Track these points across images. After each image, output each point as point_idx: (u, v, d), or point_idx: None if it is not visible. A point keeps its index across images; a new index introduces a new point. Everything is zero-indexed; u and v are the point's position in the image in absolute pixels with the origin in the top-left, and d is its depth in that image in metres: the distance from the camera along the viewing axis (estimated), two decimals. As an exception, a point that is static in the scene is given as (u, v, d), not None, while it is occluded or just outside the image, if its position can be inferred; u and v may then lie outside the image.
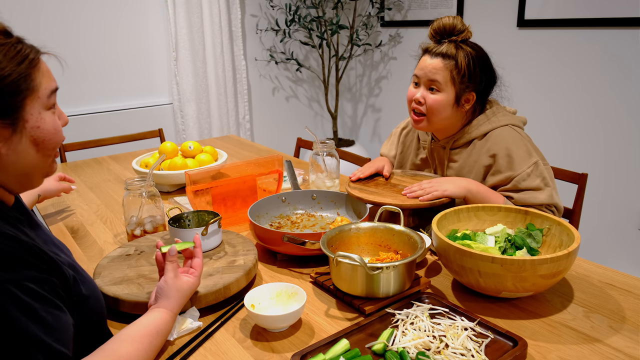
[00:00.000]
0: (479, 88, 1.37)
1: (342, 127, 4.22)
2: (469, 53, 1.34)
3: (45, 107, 0.75)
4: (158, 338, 0.85)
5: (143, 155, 1.92)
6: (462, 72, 1.33)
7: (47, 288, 0.71)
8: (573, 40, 2.58)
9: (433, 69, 1.34)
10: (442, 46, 1.35)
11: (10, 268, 0.66)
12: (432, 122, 1.38)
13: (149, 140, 2.77)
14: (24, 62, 0.71)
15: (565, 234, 1.06)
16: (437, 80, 1.34)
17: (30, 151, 0.74)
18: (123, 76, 3.10)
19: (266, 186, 1.57)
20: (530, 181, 1.31)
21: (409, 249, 1.09)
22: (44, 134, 0.74)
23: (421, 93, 1.37)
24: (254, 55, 3.63)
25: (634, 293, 1.05)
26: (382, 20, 3.70)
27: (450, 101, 1.35)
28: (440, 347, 0.86)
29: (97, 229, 1.48)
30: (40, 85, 0.73)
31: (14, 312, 0.65)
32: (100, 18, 2.93)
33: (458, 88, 1.34)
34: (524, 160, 1.32)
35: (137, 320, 0.86)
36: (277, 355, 0.89)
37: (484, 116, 1.40)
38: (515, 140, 1.34)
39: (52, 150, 0.77)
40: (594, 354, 0.87)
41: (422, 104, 1.38)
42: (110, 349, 0.78)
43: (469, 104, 1.38)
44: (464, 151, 1.43)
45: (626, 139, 2.47)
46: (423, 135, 1.55)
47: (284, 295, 1.00)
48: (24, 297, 0.66)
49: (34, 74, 0.72)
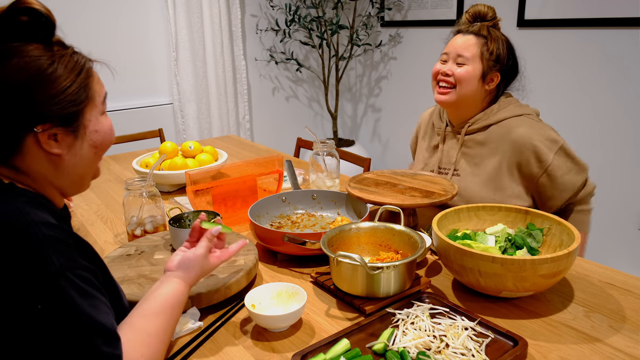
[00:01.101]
0: (504, 70, 1.43)
1: (342, 127, 4.23)
2: (499, 36, 1.44)
3: (100, 113, 0.80)
4: (179, 309, 0.86)
5: (143, 155, 1.92)
6: (491, 50, 1.41)
7: (94, 276, 0.73)
8: (573, 40, 2.58)
9: (464, 44, 1.42)
10: (475, 26, 1.44)
11: (66, 254, 0.69)
12: (459, 93, 1.43)
13: (149, 140, 2.77)
14: (82, 72, 0.76)
15: (565, 233, 1.06)
16: (466, 55, 1.41)
17: (90, 154, 0.79)
18: (123, 76, 3.10)
19: (266, 186, 1.57)
20: (562, 166, 1.36)
21: (409, 248, 1.09)
22: (102, 137, 0.80)
23: (449, 66, 1.43)
24: (254, 55, 3.63)
25: (634, 293, 1.05)
26: (382, 20, 3.70)
27: (477, 75, 1.41)
28: (440, 347, 0.86)
29: (97, 229, 1.48)
30: (96, 92, 0.79)
31: (76, 298, 0.67)
32: (100, 18, 2.93)
33: (485, 65, 1.41)
34: (550, 149, 1.36)
35: (156, 290, 0.85)
36: (278, 355, 0.89)
37: (500, 104, 1.45)
38: (536, 127, 1.38)
39: (106, 150, 0.83)
40: (594, 353, 0.87)
41: (449, 76, 1.43)
42: (138, 324, 0.79)
43: (493, 83, 1.44)
44: (478, 137, 1.46)
45: (626, 139, 2.47)
46: (438, 122, 1.58)
47: (285, 295, 1.00)
48: (80, 283, 0.68)
49: (90, 82, 0.77)
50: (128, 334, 0.76)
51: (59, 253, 0.67)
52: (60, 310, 0.65)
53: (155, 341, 0.78)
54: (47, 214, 0.73)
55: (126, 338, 0.75)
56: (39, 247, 0.66)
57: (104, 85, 0.82)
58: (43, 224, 0.69)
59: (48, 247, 0.67)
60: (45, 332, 0.64)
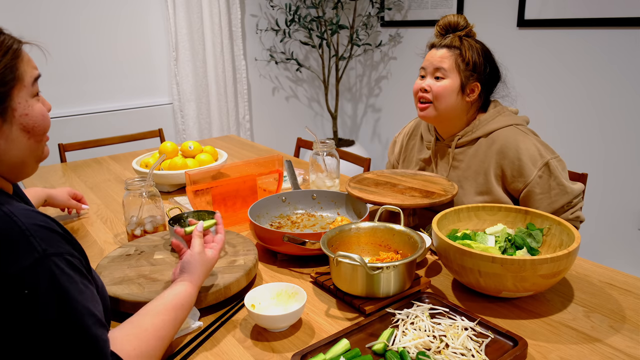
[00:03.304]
0: (483, 78, 1.41)
1: (342, 127, 4.23)
2: (473, 45, 1.40)
3: (31, 95, 0.77)
4: (183, 311, 0.87)
5: (143, 155, 1.92)
6: (467, 60, 1.38)
7: (80, 263, 0.73)
8: (573, 40, 2.58)
9: (439, 59, 1.40)
10: (447, 39, 1.42)
11: (52, 240, 0.69)
12: (438, 109, 1.41)
13: (149, 140, 2.77)
14: (8, 52, 0.73)
15: (565, 233, 1.06)
16: (442, 67, 1.39)
17: (22, 139, 0.76)
18: (123, 76, 3.10)
19: (266, 186, 1.57)
20: (543, 184, 1.33)
21: (409, 248, 1.09)
22: (33, 121, 0.76)
23: (427, 82, 1.42)
24: (254, 55, 3.63)
25: (634, 293, 1.05)
26: (382, 20, 3.70)
27: (456, 88, 1.39)
28: (440, 347, 0.86)
29: (97, 229, 1.48)
30: (25, 73, 0.76)
31: (64, 283, 0.67)
32: (100, 18, 2.93)
33: (463, 76, 1.39)
34: (534, 164, 1.33)
35: (162, 294, 0.88)
36: (278, 355, 0.89)
37: (488, 115, 1.43)
38: (523, 141, 1.35)
39: (42, 135, 0.79)
40: (594, 353, 0.87)
41: (427, 92, 1.41)
42: (137, 320, 0.80)
43: (474, 94, 1.41)
44: (468, 150, 1.44)
45: (626, 139, 2.47)
46: (427, 135, 1.56)
47: (284, 295, 1.00)
48: (67, 269, 0.69)
49: (18, 63, 0.74)
50: (126, 328, 0.78)
51: (42, 239, 0.67)
52: (47, 294, 0.65)
53: (151, 337, 0.79)
54: (18, 202, 0.72)
55: (123, 333, 0.76)
56: (21, 234, 0.66)
57: (36, 67, 0.78)
58: (21, 211, 0.69)
59: (30, 233, 0.67)
60: (34, 317, 0.65)
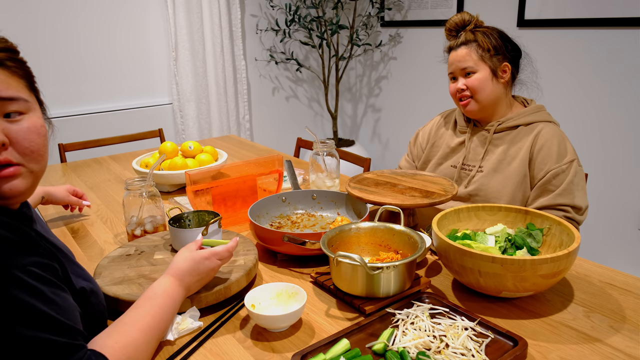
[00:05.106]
0: (509, 56, 1.46)
1: (342, 127, 4.23)
2: (486, 31, 1.46)
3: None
4: (159, 300, 0.89)
5: (143, 155, 1.92)
6: (487, 47, 1.44)
7: (50, 272, 0.73)
8: (573, 40, 2.58)
9: (461, 58, 1.46)
10: (461, 37, 1.48)
11: (14, 254, 0.68)
12: (479, 100, 1.46)
13: (149, 140, 2.77)
14: None
15: (565, 233, 1.06)
16: (468, 65, 1.45)
17: None
18: (123, 76, 3.10)
19: (266, 186, 1.57)
20: (562, 178, 1.38)
21: (409, 248, 1.09)
22: None
23: (461, 82, 1.47)
24: (254, 55, 3.63)
25: (634, 293, 1.05)
26: (382, 20, 3.70)
27: (489, 76, 1.44)
28: (440, 347, 0.86)
29: (97, 229, 1.48)
30: None
31: (20, 295, 0.66)
32: (100, 18, 2.93)
33: (490, 63, 1.44)
34: (563, 158, 1.38)
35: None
36: (278, 355, 0.89)
37: (529, 109, 1.48)
38: (561, 137, 1.42)
39: None
40: (594, 353, 0.87)
41: (465, 90, 1.46)
42: (119, 318, 0.84)
43: (507, 74, 1.46)
44: (507, 136, 1.48)
45: (625, 139, 2.47)
46: (461, 120, 1.59)
47: (285, 295, 1.00)
48: (30, 280, 0.68)
49: None
50: (108, 327, 0.81)
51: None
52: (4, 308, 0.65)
53: (130, 329, 0.81)
54: None
55: (106, 331, 0.79)
56: None
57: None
58: None
59: None
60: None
